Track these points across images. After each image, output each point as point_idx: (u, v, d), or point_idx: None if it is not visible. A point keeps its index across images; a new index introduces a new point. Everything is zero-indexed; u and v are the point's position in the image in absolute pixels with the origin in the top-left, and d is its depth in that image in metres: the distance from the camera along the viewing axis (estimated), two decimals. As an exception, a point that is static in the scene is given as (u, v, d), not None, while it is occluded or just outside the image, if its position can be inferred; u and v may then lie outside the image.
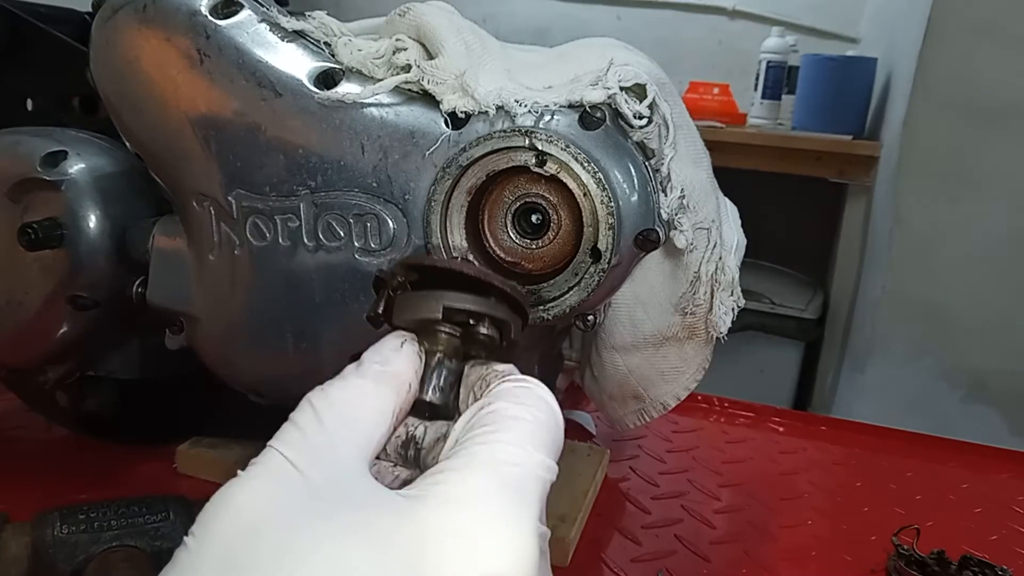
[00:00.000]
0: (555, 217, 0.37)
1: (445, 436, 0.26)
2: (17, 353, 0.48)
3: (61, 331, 0.46)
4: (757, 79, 1.89)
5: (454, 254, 0.36)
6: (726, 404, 0.74)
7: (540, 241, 0.37)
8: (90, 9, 0.42)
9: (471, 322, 0.28)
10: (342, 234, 0.38)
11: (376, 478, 0.23)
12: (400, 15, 0.39)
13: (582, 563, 0.48)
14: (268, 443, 0.22)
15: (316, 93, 0.37)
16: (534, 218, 0.37)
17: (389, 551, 0.19)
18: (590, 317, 0.40)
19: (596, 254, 0.36)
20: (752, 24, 2.19)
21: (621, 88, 0.36)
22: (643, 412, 0.48)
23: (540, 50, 0.43)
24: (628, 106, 0.36)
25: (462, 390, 0.28)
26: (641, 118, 0.36)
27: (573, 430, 0.64)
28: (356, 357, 0.27)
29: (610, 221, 0.35)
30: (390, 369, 0.26)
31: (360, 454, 0.23)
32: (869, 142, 1.69)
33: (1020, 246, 1.40)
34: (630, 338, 0.44)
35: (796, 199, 2.08)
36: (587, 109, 0.36)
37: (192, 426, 0.54)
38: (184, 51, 0.38)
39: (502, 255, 0.38)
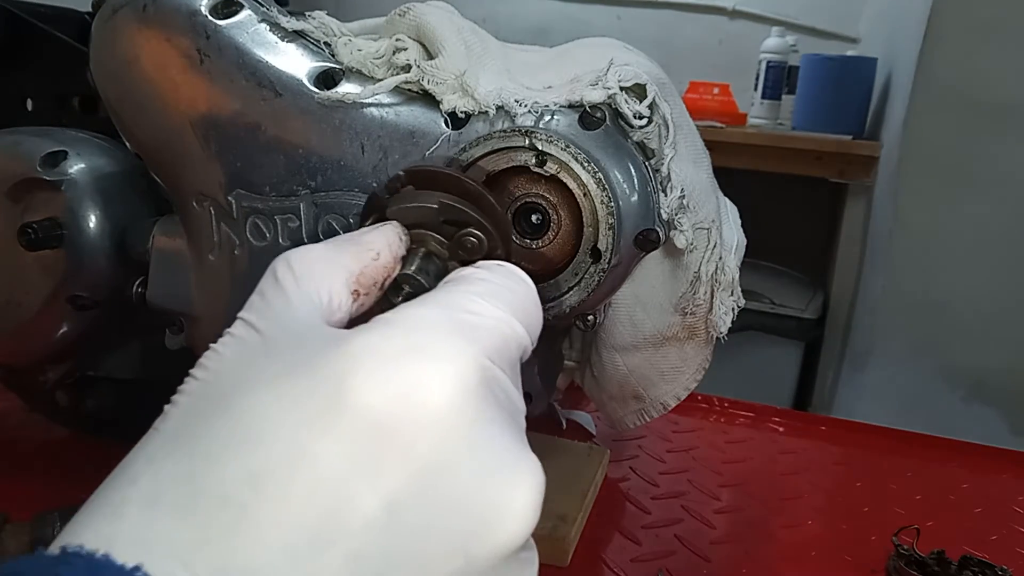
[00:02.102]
0: (555, 217, 0.37)
1: None
2: (17, 353, 0.48)
3: (61, 331, 0.46)
4: (757, 79, 1.89)
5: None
6: (726, 404, 0.74)
7: (540, 241, 0.37)
8: (90, 9, 0.42)
9: (461, 229, 0.28)
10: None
11: None
12: (400, 15, 0.39)
13: (582, 563, 0.48)
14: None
15: (316, 93, 0.37)
16: (534, 218, 0.37)
17: (318, 377, 0.19)
18: (590, 317, 0.40)
19: (596, 254, 0.36)
20: (752, 24, 2.19)
21: (621, 88, 0.36)
22: (643, 412, 0.48)
23: (540, 50, 0.43)
24: (628, 106, 0.36)
25: None
26: (641, 118, 0.36)
27: (573, 430, 0.64)
28: None
29: (610, 221, 0.35)
30: (358, 236, 0.26)
31: (313, 306, 0.23)
32: (869, 142, 1.69)
33: (1020, 246, 1.40)
34: (630, 338, 0.44)
35: (796, 199, 2.08)
36: (587, 109, 0.36)
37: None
38: (184, 51, 0.38)
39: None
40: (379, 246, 0.26)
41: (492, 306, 0.22)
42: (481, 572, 0.19)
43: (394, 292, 0.26)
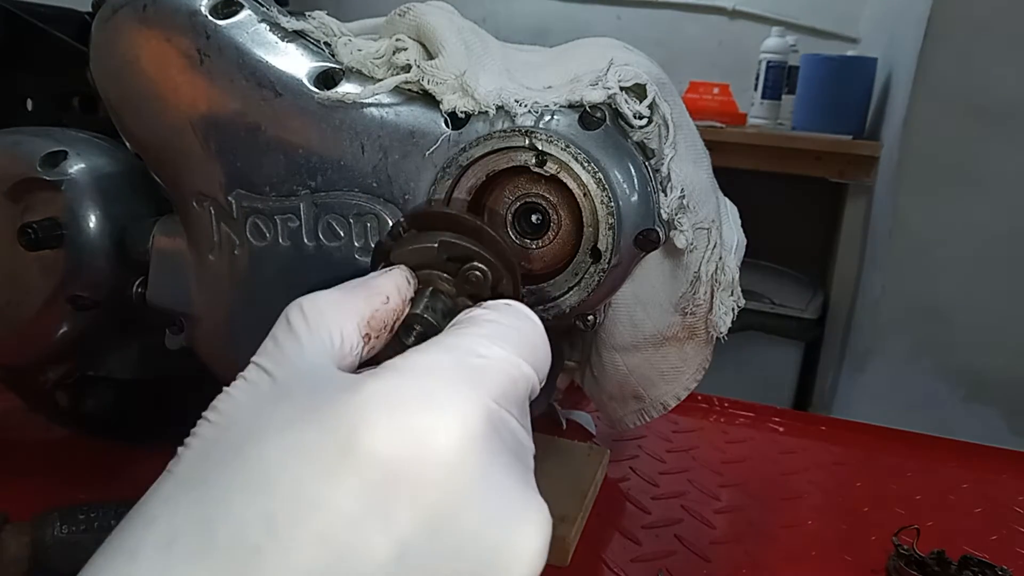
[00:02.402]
0: (555, 217, 0.37)
1: None
2: (17, 353, 0.48)
3: (61, 331, 0.46)
4: (757, 79, 1.89)
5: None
6: (726, 404, 0.74)
7: (540, 241, 0.37)
8: (90, 9, 0.42)
9: (464, 265, 0.29)
10: (342, 234, 0.38)
11: None
12: (400, 15, 0.39)
13: (582, 563, 0.48)
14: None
15: (316, 93, 0.37)
16: (534, 218, 0.37)
17: (329, 424, 0.19)
18: (590, 317, 0.40)
19: (596, 254, 0.36)
20: (752, 24, 2.19)
21: (621, 88, 0.36)
22: (643, 412, 0.48)
23: (540, 50, 0.43)
24: (628, 106, 0.36)
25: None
26: (641, 118, 0.36)
27: (573, 430, 0.64)
28: None
29: (610, 221, 0.35)
30: (369, 281, 0.26)
31: (325, 351, 0.23)
32: (869, 142, 1.69)
33: (1020, 246, 1.40)
34: (630, 338, 0.44)
35: (796, 199, 2.08)
36: (587, 109, 0.36)
37: (192, 426, 0.54)
38: (184, 51, 0.38)
39: (502, 255, 0.38)
40: (388, 289, 0.26)
41: (499, 348, 0.22)
42: None
43: (405, 333, 0.27)
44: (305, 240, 0.38)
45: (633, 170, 0.36)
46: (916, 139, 1.44)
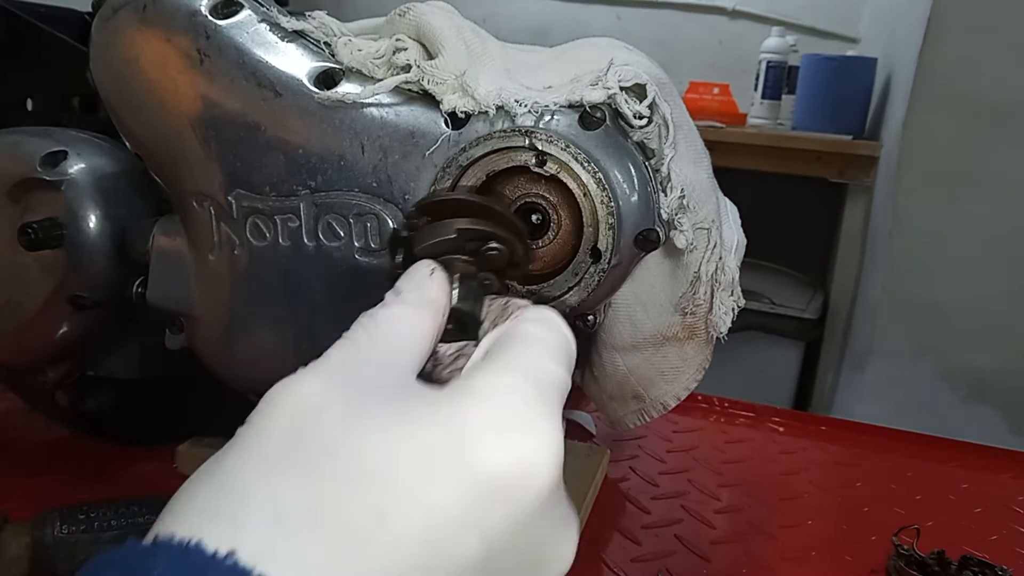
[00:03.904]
0: (555, 217, 0.37)
1: (463, 354, 0.28)
2: (17, 353, 0.48)
3: (61, 331, 0.46)
4: (757, 79, 1.89)
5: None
6: (726, 404, 0.74)
7: (540, 241, 0.37)
8: (90, 9, 0.42)
9: (482, 245, 0.31)
10: (342, 234, 0.38)
11: None
12: (400, 15, 0.39)
13: (582, 563, 0.47)
14: (325, 352, 0.24)
15: (316, 93, 0.37)
16: (534, 218, 0.37)
17: (431, 440, 0.21)
18: (590, 317, 0.41)
19: (596, 254, 0.36)
20: (752, 24, 2.19)
21: (621, 88, 0.36)
22: (643, 412, 0.48)
23: (540, 50, 0.43)
24: (628, 106, 0.36)
25: (484, 323, 0.30)
26: (641, 118, 0.36)
27: (573, 430, 0.64)
28: None
29: (610, 221, 0.35)
30: (427, 295, 0.28)
31: (406, 364, 0.25)
32: (869, 142, 1.69)
33: (1020, 246, 1.40)
34: (630, 338, 0.44)
35: (796, 199, 2.08)
36: (587, 109, 0.36)
37: (192, 426, 0.54)
38: (184, 51, 0.38)
39: (502, 255, 0.38)
40: (443, 300, 0.28)
41: (556, 364, 0.25)
42: None
43: (458, 331, 0.29)
44: (305, 240, 0.38)
45: (633, 170, 0.36)
46: (916, 139, 1.44)
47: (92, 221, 0.44)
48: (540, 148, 0.35)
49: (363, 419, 0.21)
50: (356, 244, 0.38)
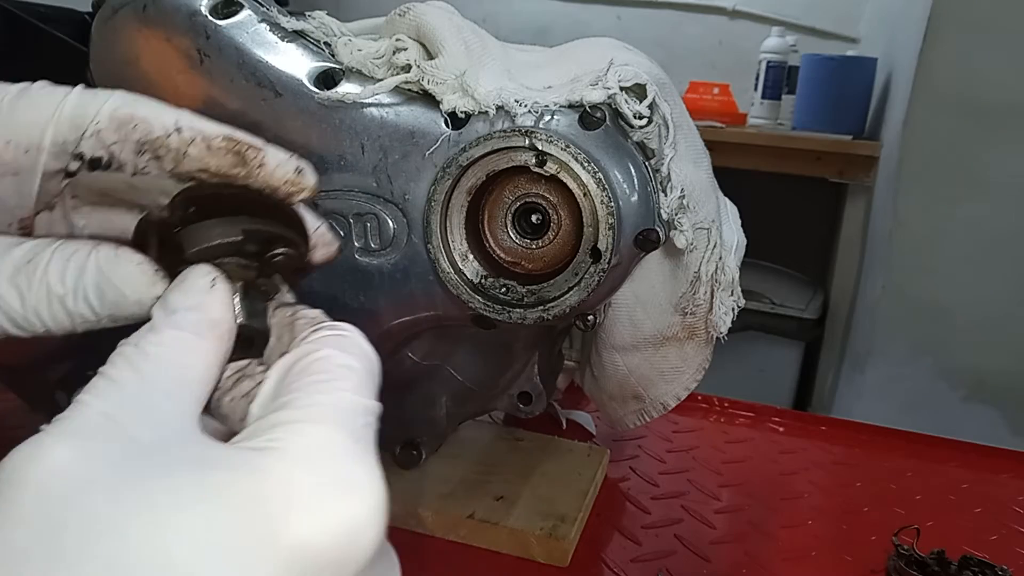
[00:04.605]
0: (555, 217, 0.37)
1: (246, 375, 0.24)
2: (17, 353, 0.48)
3: (61, 331, 0.46)
4: (757, 79, 1.89)
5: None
6: (726, 404, 0.74)
7: (540, 241, 0.37)
8: (90, 9, 0.42)
9: (265, 248, 0.26)
10: (342, 234, 0.38)
11: None
12: (400, 15, 0.39)
13: (582, 563, 0.48)
14: (76, 397, 0.20)
15: (316, 93, 0.37)
16: (534, 218, 0.37)
17: (228, 520, 0.17)
18: (590, 317, 0.40)
19: (596, 254, 0.36)
20: (752, 24, 2.19)
21: (621, 88, 0.36)
22: (643, 412, 0.48)
23: (540, 50, 0.43)
24: (628, 106, 0.36)
25: (271, 338, 0.26)
26: (641, 118, 0.36)
27: (573, 430, 0.64)
28: None
29: (610, 221, 0.35)
30: (208, 316, 0.23)
31: (188, 411, 0.21)
32: (869, 142, 1.69)
33: (1020, 246, 1.40)
34: (630, 338, 0.44)
35: (796, 199, 2.08)
36: (587, 109, 0.36)
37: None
38: (184, 51, 0.38)
39: (502, 255, 0.38)
40: (229, 321, 0.24)
41: (366, 396, 0.22)
42: None
43: (242, 348, 0.25)
44: (305, 240, 0.38)
45: (633, 170, 0.36)
46: (916, 139, 1.44)
47: (92, 221, 0.44)
48: (540, 148, 0.35)
49: (135, 498, 0.17)
50: (356, 244, 0.38)
